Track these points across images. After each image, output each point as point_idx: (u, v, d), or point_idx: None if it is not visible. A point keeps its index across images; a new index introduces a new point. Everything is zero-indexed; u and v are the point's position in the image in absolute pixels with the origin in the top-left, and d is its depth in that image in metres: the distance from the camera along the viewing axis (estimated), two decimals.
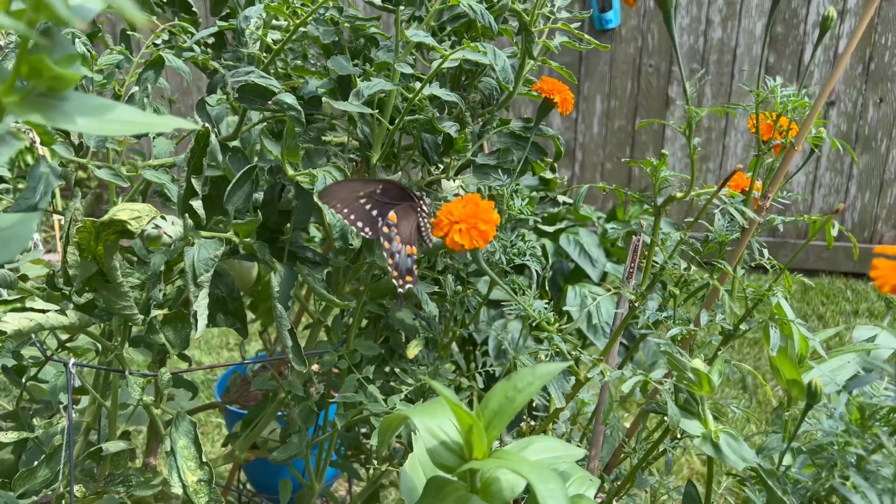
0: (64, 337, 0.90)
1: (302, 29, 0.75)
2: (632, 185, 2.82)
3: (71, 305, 0.74)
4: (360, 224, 0.66)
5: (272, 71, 1.03)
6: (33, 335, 0.91)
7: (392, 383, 0.87)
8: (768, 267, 0.68)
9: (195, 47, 0.89)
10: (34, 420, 0.94)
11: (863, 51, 2.59)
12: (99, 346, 0.91)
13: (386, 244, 0.66)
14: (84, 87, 0.89)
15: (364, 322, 0.99)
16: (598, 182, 2.88)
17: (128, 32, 0.91)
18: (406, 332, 0.88)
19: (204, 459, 0.74)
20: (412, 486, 0.52)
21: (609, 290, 0.77)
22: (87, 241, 0.67)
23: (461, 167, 0.84)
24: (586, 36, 0.85)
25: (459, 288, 0.91)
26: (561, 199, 1.07)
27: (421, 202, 0.69)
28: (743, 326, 0.64)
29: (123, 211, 0.66)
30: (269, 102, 0.65)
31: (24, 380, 0.91)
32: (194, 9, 0.99)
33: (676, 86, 2.71)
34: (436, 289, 0.79)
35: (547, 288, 1.08)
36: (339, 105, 0.70)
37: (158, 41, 0.91)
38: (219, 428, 1.75)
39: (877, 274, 0.37)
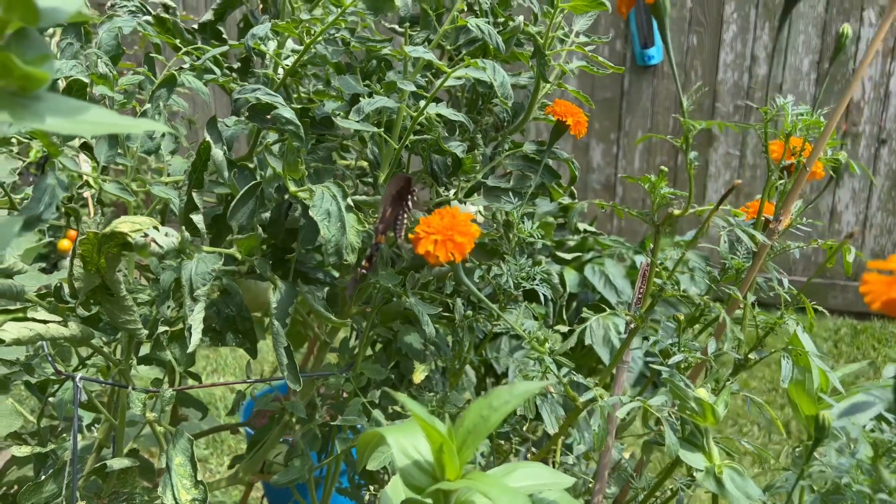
0: (84, 353, 0.91)
1: (312, 49, 0.76)
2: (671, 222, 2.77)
3: (76, 318, 0.74)
4: (379, 217, 0.67)
5: (295, 96, 1.04)
6: (46, 350, 0.92)
7: (398, 408, 0.85)
8: (788, 297, 0.65)
9: (215, 69, 0.90)
10: (54, 437, 0.95)
11: None
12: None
13: (374, 239, 0.66)
14: (106, 105, 0.91)
15: (376, 346, 0.98)
16: (640, 229, 2.83)
17: (151, 55, 0.93)
18: (413, 357, 0.87)
19: (199, 478, 0.73)
20: None
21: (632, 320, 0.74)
22: (91, 253, 0.68)
23: (472, 189, 0.83)
24: (602, 59, 0.84)
25: (469, 312, 0.89)
26: (582, 226, 1.05)
27: (409, 197, 0.68)
28: (754, 356, 0.61)
29: (125, 223, 0.66)
30: (268, 117, 0.65)
31: (46, 396, 0.92)
32: (224, 35, 1.01)
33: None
34: (440, 310, 0.77)
35: (565, 317, 1.05)
36: (342, 122, 0.69)
37: (186, 64, 0.93)
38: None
39: (867, 289, 0.34)
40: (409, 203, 0.67)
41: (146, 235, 0.59)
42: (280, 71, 0.76)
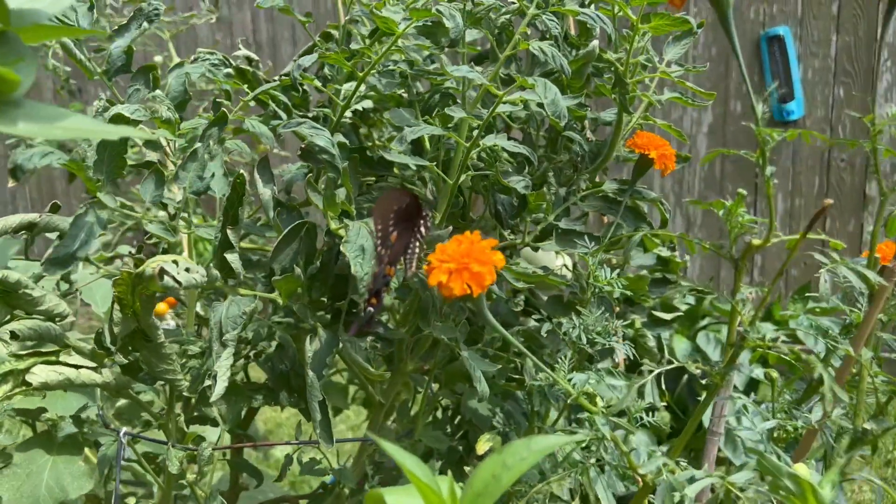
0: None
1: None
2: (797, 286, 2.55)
3: (114, 365, 0.74)
4: (379, 241, 0.62)
5: (370, 143, 1.04)
6: (97, 404, 0.93)
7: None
8: None
9: (281, 114, 0.91)
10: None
11: None
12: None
13: (375, 265, 0.61)
14: (170, 150, 0.94)
15: (448, 410, 0.92)
16: (782, 302, 2.63)
17: (218, 101, 0.96)
18: (480, 424, 0.80)
19: None
20: None
21: (760, 403, 0.66)
22: (126, 295, 0.68)
23: (543, 233, 0.78)
24: (692, 86, 0.77)
25: (544, 375, 0.82)
26: (686, 283, 0.96)
27: (421, 223, 0.63)
28: (873, 427, 0.50)
29: (158, 262, 0.66)
30: (303, 145, 0.64)
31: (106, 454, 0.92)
32: (306, 88, 1.02)
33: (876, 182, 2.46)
34: (497, 367, 0.71)
35: (672, 396, 0.95)
36: (390, 156, 0.67)
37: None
38: None
39: None
40: (422, 230, 0.63)
41: (156, 267, 0.58)
42: (330, 101, 0.75)
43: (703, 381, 0.96)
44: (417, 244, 0.62)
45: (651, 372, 0.55)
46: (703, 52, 2.61)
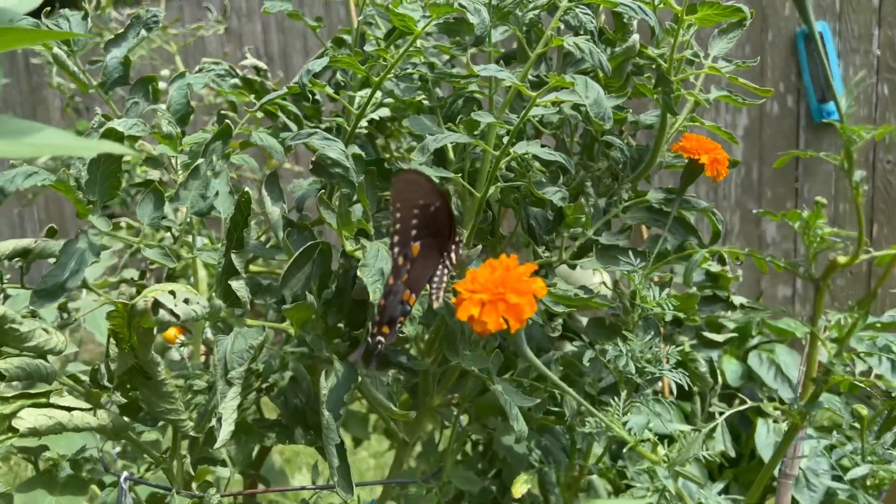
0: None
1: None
2: (877, 308, 2.46)
3: (111, 404, 0.69)
4: (396, 238, 0.55)
5: (387, 155, 0.99)
6: (97, 445, 0.88)
7: None
8: None
9: (291, 125, 0.87)
10: None
11: None
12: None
13: (391, 277, 0.54)
14: (168, 169, 0.89)
15: (478, 445, 0.86)
16: (832, 310, 2.54)
17: (223, 112, 0.91)
18: (515, 463, 0.75)
19: None
20: None
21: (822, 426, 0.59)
22: (122, 329, 0.63)
23: (581, 249, 0.72)
24: (746, 82, 0.71)
25: (594, 420, 0.76)
26: (738, 300, 0.90)
27: (453, 248, 0.56)
28: None
29: (156, 293, 0.61)
30: (314, 158, 0.59)
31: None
32: (318, 97, 0.98)
33: None
34: (535, 401, 0.65)
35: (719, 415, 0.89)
36: (409, 168, 0.62)
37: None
38: None
39: None
40: (452, 256, 0.56)
41: (148, 300, 0.53)
42: (344, 110, 0.70)
43: (779, 423, 0.89)
44: (446, 271, 0.56)
45: (721, 413, 0.49)
46: (737, 51, 2.54)
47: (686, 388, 0.66)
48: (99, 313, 1.20)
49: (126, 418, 0.70)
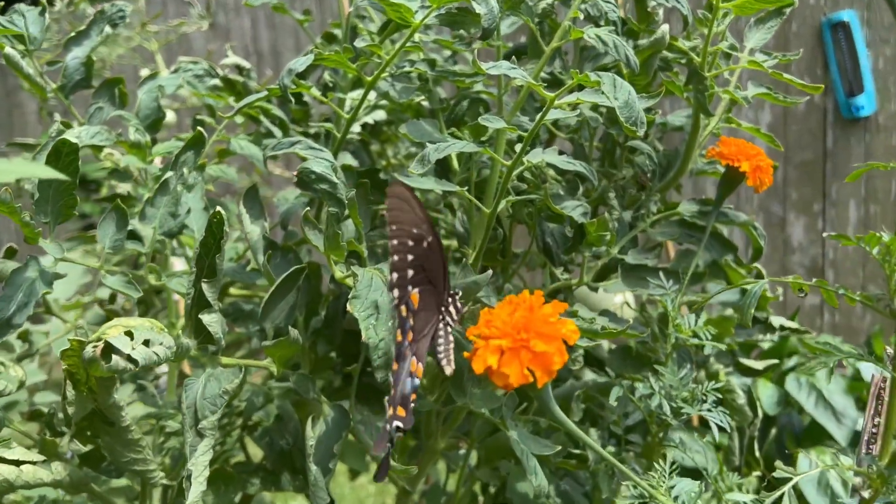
0: None
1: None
2: None
3: (71, 455, 0.63)
4: (394, 277, 0.48)
5: (384, 162, 0.93)
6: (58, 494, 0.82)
7: None
8: None
9: (275, 131, 0.81)
10: None
11: None
12: None
13: (398, 333, 0.47)
14: (138, 181, 0.83)
15: (487, 489, 0.80)
16: (860, 326, 2.48)
17: (199, 118, 0.85)
18: None
19: None
20: None
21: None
22: (78, 369, 0.57)
23: (605, 270, 0.66)
24: (791, 77, 0.65)
25: (612, 449, 0.70)
26: (778, 321, 0.84)
27: (448, 299, 0.49)
28: None
29: (115, 328, 0.55)
30: (294, 173, 0.53)
31: None
32: (306, 99, 0.92)
33: None
34: (556, 449, 0.59)
35: (758, 452, 0.83)
36: (407, 181, 0.56)
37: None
38: None
39: None
40: (452, 311, 0.49)
41: (98, 346, 0.47)
42: (336, 116, 0.65)
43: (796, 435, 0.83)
44: (448, 329, 0.49)
45: (780, 480, 0.43)
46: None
47: (728, 430, 0.60)
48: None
49: (87, 469, 0.64)
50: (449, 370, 0.47)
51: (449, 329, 0.48)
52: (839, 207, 2.47)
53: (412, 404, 0.47)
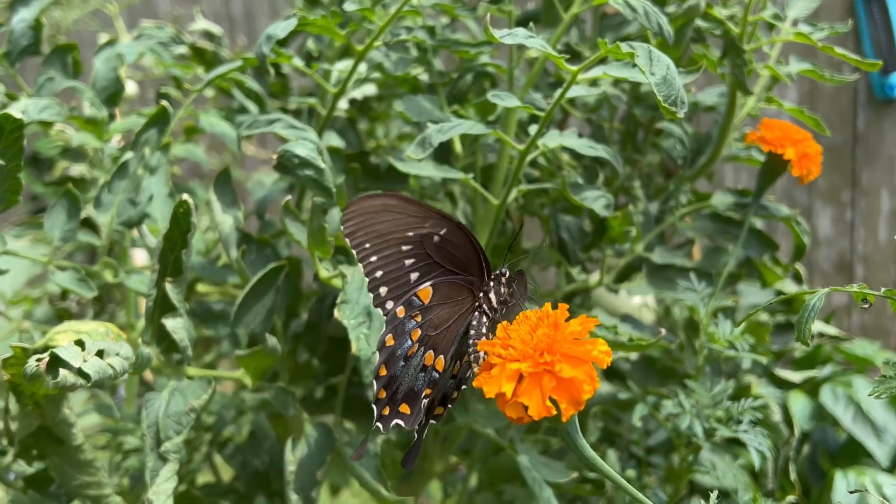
0: None
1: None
2: None
3: (14, 477, 0.60)
4: (383, 291, 0.44)
5: (372, 144, 0.90)
6: None
7: None
8: None
9: (250, 106, 0.78)
10: None
11: None
12: None
13: (389, 337, 0.43)
14: (94, 162, 0.80)
15: None
16: (892, 328, 2.47)
17: (164, 91, 0.82)
18: None
19: None
20: None
21: None
22: (22, 379, 0.54)
23: (627, 269, 0.63)
24: (844, 52, 0.62)
25: (632, 473, 0.67)
26: (818, 327, 0.82)
27: (491, 283, 0.45)
28: None
29: (65, 334, 0.52)
30: (273, 156, 0.49)
31: None
32: (285, 70, 0.89)
33: None
34: (573, 475, 0.56)
35: (794, 474, 0.80)
36: (403, 167, 0.53)
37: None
38: None
39: None
40: (492, 296, 0.45)
41: (43, 359, 0.43)
42: (322, 90, 0.61)
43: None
44: (485, 320, 0.45)
45: None
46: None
47: (767, 455, 0.57)
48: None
49: (32, 493, 0.61)
50: (477, 370, 0.43)
51: (485, 320, 0.44)
52: (870, 197, 2.45)
53: (424, 400, 0.43)
